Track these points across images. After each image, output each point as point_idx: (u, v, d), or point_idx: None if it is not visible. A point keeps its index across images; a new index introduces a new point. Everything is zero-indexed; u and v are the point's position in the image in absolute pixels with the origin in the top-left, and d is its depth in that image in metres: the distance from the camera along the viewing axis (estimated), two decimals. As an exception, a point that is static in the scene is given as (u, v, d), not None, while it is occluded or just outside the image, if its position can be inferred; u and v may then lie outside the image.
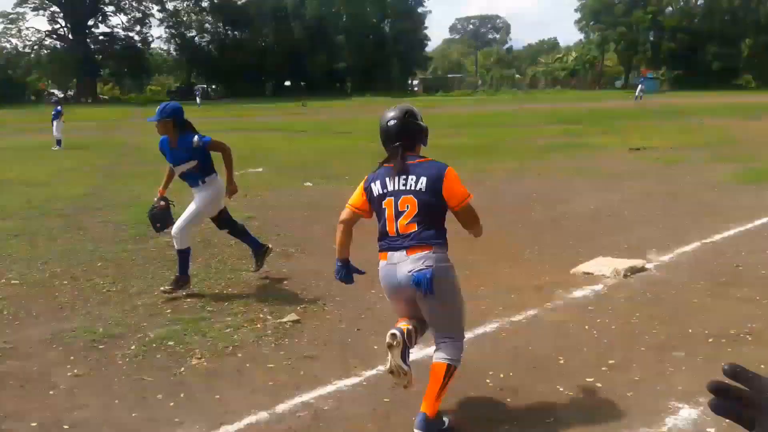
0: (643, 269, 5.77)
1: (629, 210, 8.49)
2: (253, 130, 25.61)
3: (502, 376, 3.85)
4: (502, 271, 6.02)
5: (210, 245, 7.15)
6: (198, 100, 54.56)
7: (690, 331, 4.36)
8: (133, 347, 4.39)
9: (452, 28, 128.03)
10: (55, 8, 72.35)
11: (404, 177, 3.29)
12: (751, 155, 13.17)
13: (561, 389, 3.65)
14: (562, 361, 4.02)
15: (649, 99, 42.77)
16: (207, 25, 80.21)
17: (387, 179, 3.33)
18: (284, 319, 4.85)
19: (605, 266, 5.80)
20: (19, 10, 71.49)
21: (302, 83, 76.93)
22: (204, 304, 5.26)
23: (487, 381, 3.79)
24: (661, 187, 10.15)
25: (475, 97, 60.55)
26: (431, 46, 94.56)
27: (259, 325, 4.77)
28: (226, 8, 76.77)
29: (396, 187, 3.30)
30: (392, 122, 3.37)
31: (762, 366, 3.74)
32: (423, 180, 3.25)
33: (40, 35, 73.31)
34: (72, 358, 4.25)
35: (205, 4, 78.46)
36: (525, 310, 4.92)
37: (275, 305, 5.20)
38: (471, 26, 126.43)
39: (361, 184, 3.48)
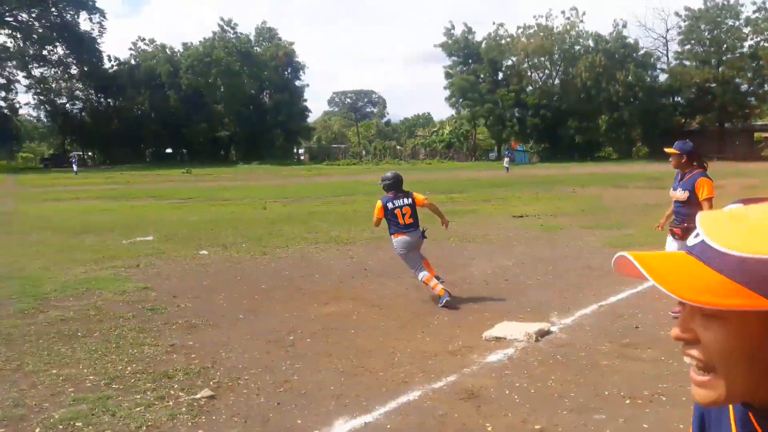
0: (549, 332, 6.01)
1: (524, 274, 8.86)
2: (137, 197, 24.68)
3: (433, 445, 3.82)
4: (414, 337, 6.06)
5: (107, 318, 6.71)
6: (74, 167, 52.16)
7: (606, 393, 4.54)
8: (37, 430, 3.99)
9: (330, 101, 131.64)
10: None
11: (401, 198, 7.36)
12: (623, 222, 14.21)
13: (494, 455, 3.66)
14: (489, 428, 4.06)
15: (519, 170, 45.37)
16: (77, 92, 77.56)
17: (394, 201, 7.33)
18: (198, 395, 4.60)
19: (514, 330, 5.98)
20: None
21: (184, 150, 75.60)
22: (108, 381, 4.89)
23: (420, 451, 3.75)
24: (548, 252, 10.69)
25: (361, 166, 61.75)
26: (312, 118, 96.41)
27: (171, 403, 4.49)
28: (96, 76, 74.65)
29: (400, 204, 7.31)
30: (396, 176, 7.56)
31: (681, 426, 3.95)
32: (410, 198, 7.39)
33: None
34: (-33, 446, 3.81)
35: (74, 71, 76.03)
36: (444, 376, 4.96)
37: (186, 381, 4.93)
38: (348, 100, 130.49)
39: (379, 204, 7.38)
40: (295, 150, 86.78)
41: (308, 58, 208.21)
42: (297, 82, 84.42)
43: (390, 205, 7.27)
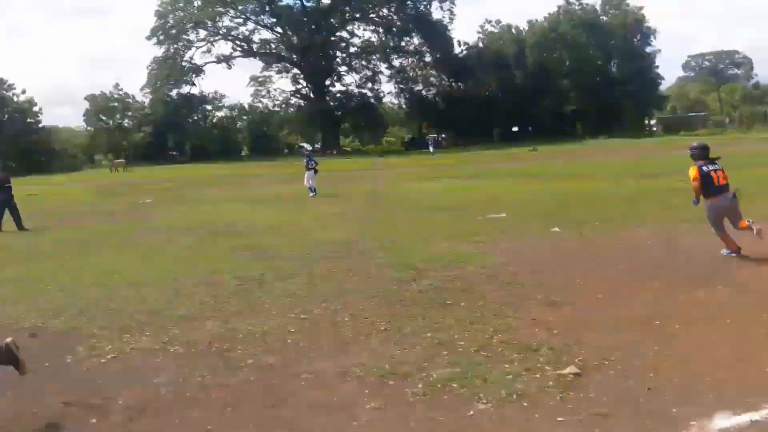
0: None
1: None
2: (489, 176, 25.83)
3: None
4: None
5: (470, 289, 7.19)
6: (431, 149, 56.70)
7: None
8: (420, 386, 4.47)
9: (686, 66, 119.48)
10: (296, 71, 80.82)
11: (714, 165, 8.26)
12: None
13: None
14: None
15: None
16: (432, 78, 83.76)
17: (708, 166, 8.22)
18: (565, 371, 4.62)
19: None
20: (266, 73, 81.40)
21: (529, 128, 76.71)
22: (477, 348, 5.21)
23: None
24: None
25: (726, 136, 55.16)
26: (665, 85, 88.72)
27: (538, 375, 4.59)
28: (449, 62, 79.41)
29: (713, 168, 8.20)
30: (703, 145, 8.52)
31: None
32: (720, 165, 8.31)
33: (285, 95, 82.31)
34: (366, 391, 4.45)
35: (428, 59, 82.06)
36: None
37: (551, 355, 4.98)
38: (707, 63, 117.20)
39: (695, 167, 8.20)
40: (646, 121, 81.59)
41: (659, 22, 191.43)
42: (647, 49, 78.88)
43: (705, 169, 8.22)
